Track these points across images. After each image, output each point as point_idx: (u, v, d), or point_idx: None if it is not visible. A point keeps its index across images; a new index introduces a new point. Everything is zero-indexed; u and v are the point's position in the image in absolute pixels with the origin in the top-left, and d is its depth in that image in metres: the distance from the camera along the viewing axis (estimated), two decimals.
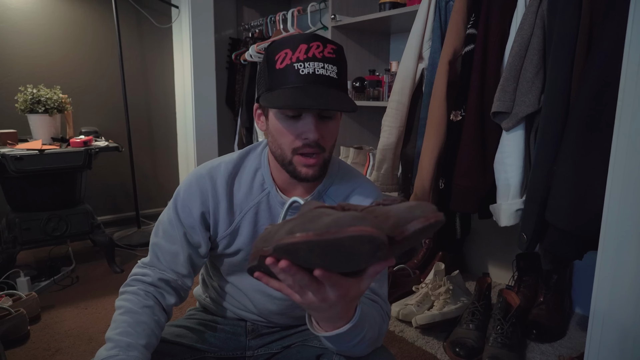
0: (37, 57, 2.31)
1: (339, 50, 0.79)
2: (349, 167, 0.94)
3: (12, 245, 1.84)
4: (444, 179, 1.52)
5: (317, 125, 0.76)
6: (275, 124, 0.79)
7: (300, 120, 0.76)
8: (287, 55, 0.75)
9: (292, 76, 0.74)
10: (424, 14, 1.56)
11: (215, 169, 0.86)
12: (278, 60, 0.76)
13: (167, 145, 2.82)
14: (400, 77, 1.63)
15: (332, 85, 0.75)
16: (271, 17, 2.60)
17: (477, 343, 1.40)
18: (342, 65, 0.78)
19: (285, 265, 0.51)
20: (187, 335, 0.90)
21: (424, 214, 0.48)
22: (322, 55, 0.75)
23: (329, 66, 0.75)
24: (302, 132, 0.76)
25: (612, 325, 0.99)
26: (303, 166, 0.78)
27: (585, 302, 1.67)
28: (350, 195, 0.89)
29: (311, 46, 0.75)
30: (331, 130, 0.79)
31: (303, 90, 0.73)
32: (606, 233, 0.98)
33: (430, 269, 1.80)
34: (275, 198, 0.86)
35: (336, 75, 0.76)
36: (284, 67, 0.75)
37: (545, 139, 1.21)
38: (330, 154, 0.82)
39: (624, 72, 0.93)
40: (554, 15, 1.20)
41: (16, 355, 1.41)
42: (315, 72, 0.74)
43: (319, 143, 0.77)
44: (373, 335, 0.73)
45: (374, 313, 0.76)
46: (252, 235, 0.86)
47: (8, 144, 1.92)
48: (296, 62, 0.74)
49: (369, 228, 0.45)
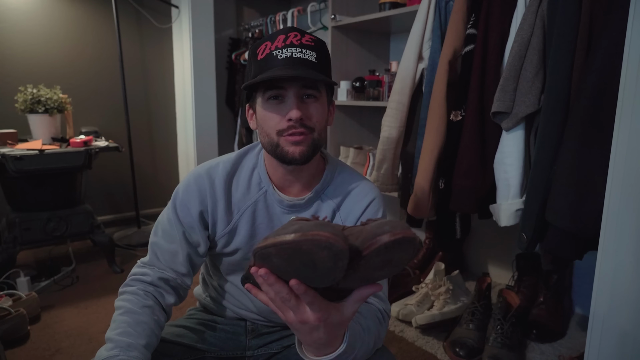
0: (37, 57, 2.31)
1: (319, 41, 0.80)
2: (347, 167, 0.94)
3: (12, 245, 1.84)
4: (444, 179, 1.52)
5: (298, 104, 0.76)
6: (261, 112, 0.80)
7: (282, 102, 0.77)
8: (267, 46, 0.77)
9: (271, 62, 0.76)
10: (424, 14, 1.56)
11: (213, 169, 0.86)
12: (259, 52, 0.78)
13: (167, 145, 2.82)
14: (400, 77, 1.63)
15: (311, 67, 0.76)
16: (271, 17, 2.60)
17: (477, 343, 1.40)
18: (321, 53, 0.79)
19: (263, 273, 0.52)
20: (187, 335, 0.90)
21: (392, 230, 0.48)
22: (299, 42, 0.77)
23: (307, 51, 0.76)
24: (285, 113, 0.76)
25: (612, 325, 0.99)
26: (290, 144, 0.77)
27: (585, 302, 1.67)
28: (348, 195, 0.88)
29: (289, 36, 0.77)
30: (316, 110, 0.79)
31: (278, 70, 0.74)
32: (606, 233, 0.98)
33: (430, 269, 1.80)
34: (273, 196, 0.86)
35: (315, 59, 0.77)
36: (264, 56, 0.77)
37: (545, 139, 1.21)
38: (320, 137, 0.81)
39: (624, 71, 0.93)
40: (554, 15, 1.20)
41: (16, 355, 1.41)
42: (293, 55, 0.75)
43: (304, 123, 0.77)
44: (367, 348, 0.72)
45: (368, 324, 0.74)
46: (250, 234, 0.86)
47: (8, 144, 1.92)
48: (275, 50, 0.76)
49: (326, 233, 0.46)
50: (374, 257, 0.49)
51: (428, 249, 2.01)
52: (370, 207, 0.87)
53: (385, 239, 0.47)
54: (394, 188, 1.77)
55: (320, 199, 0.88)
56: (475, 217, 1.57)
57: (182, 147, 2.76)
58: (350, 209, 0.87)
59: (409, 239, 0.48)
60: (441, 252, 1.94)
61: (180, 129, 2.75)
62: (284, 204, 0.86)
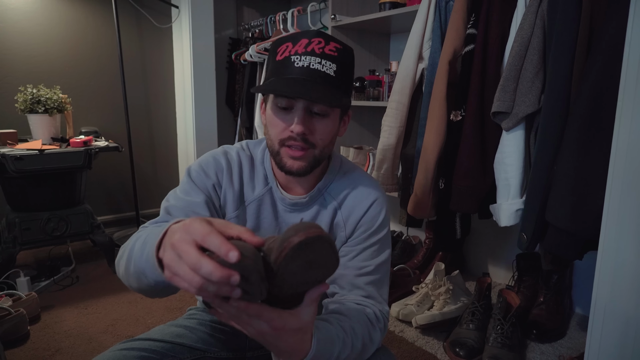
0: (37, 57, 2.31)
1: (344, 50, 0.77)
2: (351, 164, 0.93)
3: (12, 245, 1.84)
4: (444, 179, 1.52)
5: (304, 119, 0.75)
6: (269, 115, 0.80)
7: (290, 112, 0.76)
8: (288, 48, 0.76)
9: (287, 68, 0.75)
10: (424, 14, 1.56)
11: (229, 154, 0.88)
12: (279, 52, 0.77)
13: (167, 145, 2.82)
14: (400, 77, 1.63)
15: (327, 82, 0.75)
16: (271, 17, 2.60)
17: (477, 343, 1.40)
18: (343, 64, 0.77)
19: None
20: (187, 335, 0.89)
21: (296, 232, 0.49)
22: (321, 51, 0.74)
23: (327, 62, 0.75)
24: (289, 125, 0.76)
25: (612, 325, 0.99)
26: (289, 158, 0.78)
27: (585, 302, 1.67)
28: (351, 193, 0.88)
29: (312, 41, 0.75)
30: (323, 126, 0.78)
31: (291, 81, 0.73)
32: (606, 233, 0.98)
33: (430, 269, 1.80)
34: (276, 194, 0.87)
35: (334, 73, 0.75)
36: (282, 58, 0.76)
37: (545, 139, 1.21)
38: (322, 153, 0.80)
39: (624, 72, 0.93)
40: (554, 15, 1.20)
41: (16, 355, 1.41)
42: (311, 65, 0.74)
43: (306, 138, 0.76)
44: (355, 351, 0.70)
45: (352, 326, 0.72)
46: (254, 228, 0.87)
47: (8, 144, 1.92)
48: (294, 55, 0.75)
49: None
50: (290, 261, 0.49)
51: (428, 249, 2.01)
52: (372, 207, 0.87)
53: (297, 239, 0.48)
54: (394, 188, 1.77)
55: (323, 197, 0.88)
56: (475, 217, 1.57)
57: (182, 147, 2.75)
58: (352, 209, 0.87)
59: (315, 238, 0.49)
60: (441, 252, 1.94)
61: (180, 129, 2.75)
62: (285, 202, 0.86)
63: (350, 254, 0.85)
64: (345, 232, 0.87)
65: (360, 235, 0.86)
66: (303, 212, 0.87)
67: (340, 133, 0.85)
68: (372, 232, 0.86)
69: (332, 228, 0.88)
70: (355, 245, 0.86)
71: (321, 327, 0.65)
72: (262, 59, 2.49)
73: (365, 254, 0.85)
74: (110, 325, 1.59)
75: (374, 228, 0.86)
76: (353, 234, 0.87)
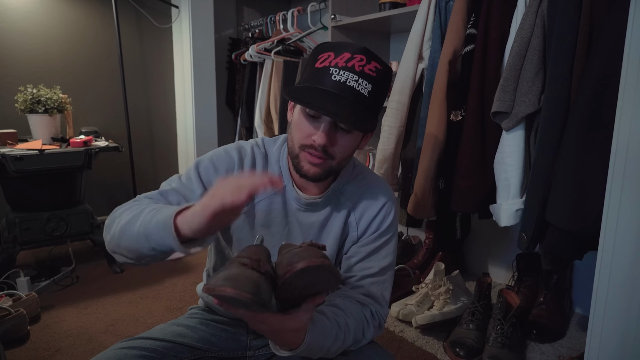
0: (37, 57, 2.31)
1: (383, 72, 0.78)
2: (363, 166, 0.96)
3: (12, 245, 1.84)
4: (444, 179, 1.52)
5: (329, 131, 0.76)
6: (296, 117, 0.81)
7: (317, 121, 0.77)
8: (329, 57, 0.76)
9: (324, 78, 0.75)
10: (424, 14, 1.56)
11: (242, 149, 0.89)
12: (320, 59, 0.77)
13: (167, 145, 2.82)
14: (400, 77, 1.63)
15: (359, 101, 0.75)
16: (271, 17, 2.60)
17: (477, 343, 1.40)
18: (379, 86, 0.77)
19: (216, 303, 0.58)
20: (188, 334, 0.89)
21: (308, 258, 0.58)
22: (361, 69, 0.75)
23: (364, 82, 0.75)
24: (313, 133, 0.77)
25: (612, 325, 0.99)
26: (307, 162, 0.79)
27: (585, 302, 1.67)
28: (364, 194, 0.90)
29: (354, 57, 0.75)
30: (345, 142, 0.79)
31: (325, 94, 0.74)
32: (606, 233, 0.98)
33: (430, 269, 1.80)
34: (291, 193, 0.87)
35: (368, 94, 0.75)
36: (321, 67, 0.76)
37: (545, 139, 1.21)
38: (339, 164, 0.82)
39: (624, 71, 0.93)
40: (554, 15, 1.20)
41: (16, 355, 1.41)
42: (347, 82, 0.74)
43: (326, 149, 0.77)
44: (344, 344, 0.76)
45: (347, 321, 0.76)
46: (263, 225, 0.87)
47: (8, 144, 1.92)
48: (333, 67, 0.75)
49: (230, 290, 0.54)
50: (293, 281, 0.59)
51: (428, 249, 2.01)
52: (383, 209, 0.89)
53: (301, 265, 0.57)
54: (394, 188, 1.77)
55: (337, 198, 0.89)
56: (475, 217, 1.57)
57: (182, 147, 2.75)
58: (364, 210, 0.89)
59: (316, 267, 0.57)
60: (441, 252, 1.94)
61: (180, 129, 2.75)
62: (301, 202, 0.87)
63: (358, 255, 0.88)
64: (357, 232, 0.89)
65: (370, 235, 0.89)
66: (317, 211, 0.88)
67: (360, 147, 0.86)
68: (381, 233, 0.89)
69: (345, 228, 0.90)
70: (364, 246, 0.88)
71: (317, 321, 0.71)
72: (262, 59, 2.49)
73: (372, 256, 0.88)
74: (110, 325, 1.59)
75: (383, 229, 0.89)
76: (364, 234, 0.89)
